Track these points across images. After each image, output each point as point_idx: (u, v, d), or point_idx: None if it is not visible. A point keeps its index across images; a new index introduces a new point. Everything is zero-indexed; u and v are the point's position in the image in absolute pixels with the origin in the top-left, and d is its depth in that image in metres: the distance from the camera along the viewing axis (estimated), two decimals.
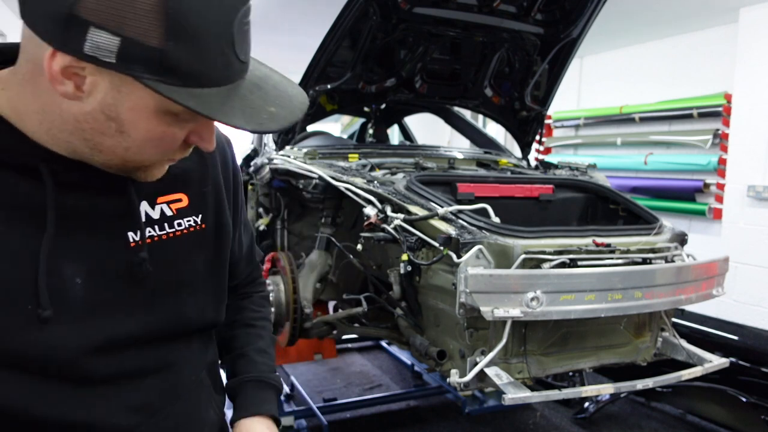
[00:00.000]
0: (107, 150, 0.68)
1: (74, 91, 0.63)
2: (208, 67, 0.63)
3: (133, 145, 0.68)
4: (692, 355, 2.24)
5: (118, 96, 0.63)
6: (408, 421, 3.72)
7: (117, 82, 0.62)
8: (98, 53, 0.58)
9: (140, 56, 0.59)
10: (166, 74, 0.61)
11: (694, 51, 4.46)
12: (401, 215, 2.11)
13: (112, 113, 0.64)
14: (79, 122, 0.66)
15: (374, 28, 2.60)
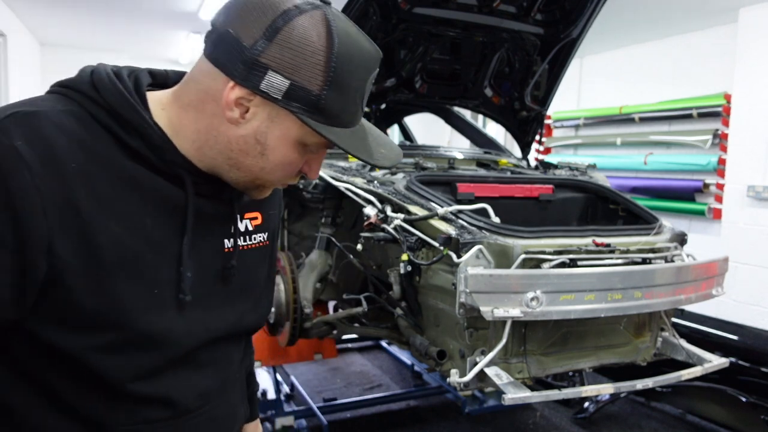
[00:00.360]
0: (244, 168, 0.82)
1: (238, 117, 0.78)
2: (345, 112, 0.80)
3: (267, 166, 0.82)
4: (692, 355, 2.24)
5: (270, 125, 0.79)
6: (408, 421, 3.72)
7: (273, 114, 0.78)
8: (270, 90, 0.75)
9: (301, 97, 0.75)
10: (316, 113, 0.77)
11: (694, 51, 4.46)
12: (401, 215, 2.11)
13: (261, 138, 0.79)
14: (230, 143, 0.80)
15: (374, 28, 2.60)
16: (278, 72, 0.74)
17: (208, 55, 0.79)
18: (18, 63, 4.80)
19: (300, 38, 0.74)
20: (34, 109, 0.72)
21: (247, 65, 0.74)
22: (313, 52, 0.74)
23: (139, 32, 5.26)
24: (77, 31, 5.26)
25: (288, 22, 0.74)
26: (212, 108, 0.79)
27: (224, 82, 0.76)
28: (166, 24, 4.93)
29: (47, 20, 4.85)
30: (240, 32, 0.75)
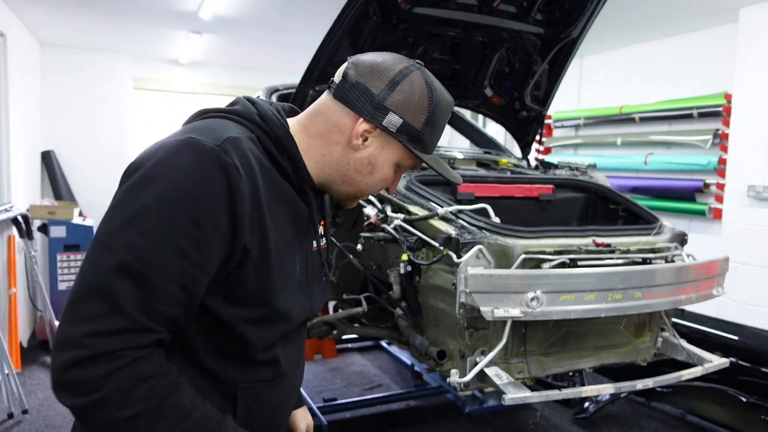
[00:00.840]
0: (354, 183, 1.09)
1: (360, 144, 1.04)
2: (433, 143, 1.09)
3: (372, 182, 1.09)
4: (692, 355, 2.24)
5: (381, 151, 1.06)
6: (408, 421, 3.72)
7: (384, 143, 1.05)
8: (388, 125, 1.02)
9: (408, 131, 1.04)
10: (415, 143, 1.05)
11: (694, 51, 4.46)
12: (401, 215, 2.11)
13: (372, 160, 1.06)
14: (348, 164, 1.06)
15: (374, 28, 2.60)
16: (395, 113, 1.02)
17: (339, 98, 1.04)
18: (18, 63, 4.79)
19: (411, 90, 1.02)
20: (234, 135, 0.95)
21: (375, 107, 1.02)
22: (420, 99, 1.03)
23: (139, 32, 5.25)
24: (77, 31, 5.26)
25: (404, 77, 1.02)
26: (337, 137, 1.05)
27: (353, 119, 1.03)
28: (166, 24, 4.92)
29: (47, 20, 4.84)
30: (369, 84, 1.02)
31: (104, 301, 0.84)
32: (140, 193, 0.88)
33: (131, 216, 0.86)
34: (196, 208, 0.87)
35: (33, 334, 5.15)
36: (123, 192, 0.90)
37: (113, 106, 6.12)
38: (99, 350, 0.83)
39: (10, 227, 4.40)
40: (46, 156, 5.74)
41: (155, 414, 0.86)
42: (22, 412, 3.62)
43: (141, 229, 0.85)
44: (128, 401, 0.84)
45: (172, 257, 0.86)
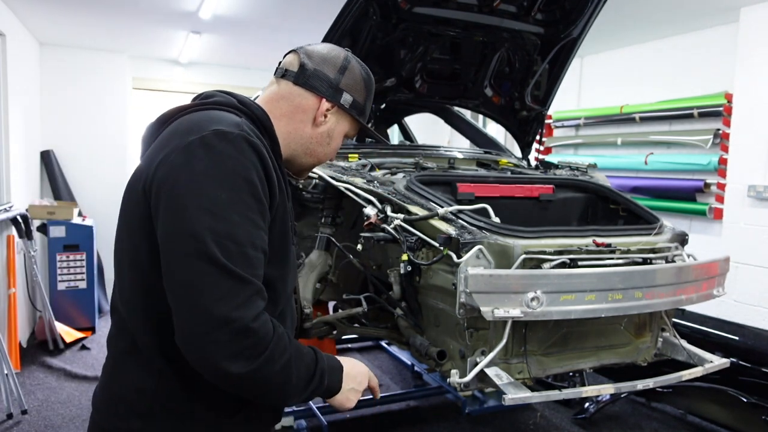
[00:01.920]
0: (315, 154, 1.30)
1: (323, 120, 1.26)
2: (368, 113, 1.35)
3: (329, 151, 1.32)
4: (693, 356, 2.24)
5: (336, 124, 1.29)
6: (408, 421, 3.72)
7: (339, 117, 1.29)
8: (344, 103, 1.27)
9: (356, 106, 1.30)
10: (360, 114, 1.32)
11: (695, 51, 4.45)
12: (401, 215, 2.11)
13: (331, 133, 1.29)
14: (311, 138, 1.28)
15: (374, 28, 2.60)
16: (348, 92, 1.28)
17: (302, 84, 1.25)
18: (17, 62, 4.79)
19: (353, 73, 1.29)
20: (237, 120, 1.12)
21: (334, 89, 1.26)
22: (360, 80, 1.30)
23: (139, 32, 5.25)
24: (76, 31, 5.25)
25: (349, 63, 1.28)
26: (301, 116, 1.26)
27: (316, 100, 1.25)
28: (165, 24, 4.92)
29: (46, 20, 4.84)
30: (326, 71, 1.25)
31: (228, 278, 0.98)
32: (207, 185, 1.00)
33: (211, 206, 0.99)
34: (250, 186, 1.04)
35: (32, 335, 5.14)
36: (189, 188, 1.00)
37: (113, 106, 6.12)
38: (248, 317, 0.99)
39: (10, 227, 4.40)
40: (45, 156, 5.73)
41: (294, 355, 1.08)
42: (21, 413, 3.61)
43: (223, 217, 1.00)
44: (281, 350, 1.04)
45: (250, 229, 1.03)
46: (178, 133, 1.07)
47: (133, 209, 1.09)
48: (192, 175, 1.01)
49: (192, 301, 0.97)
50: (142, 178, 1.08)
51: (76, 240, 5.20)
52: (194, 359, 1.00)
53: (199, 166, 1.01)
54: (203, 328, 0.96)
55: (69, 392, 4.03)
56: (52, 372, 4.36)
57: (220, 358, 0.97)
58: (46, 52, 5.76)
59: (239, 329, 0.97)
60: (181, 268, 0.98)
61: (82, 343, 4.96)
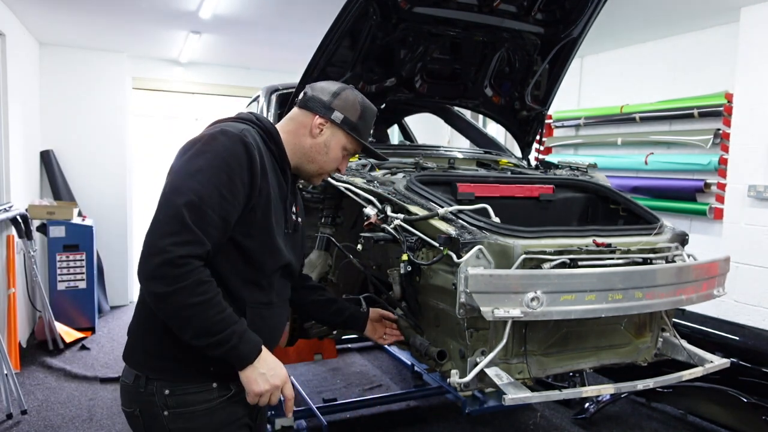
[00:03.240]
0: (316, 162, 1.65)
1: (318, 133, 1.63)
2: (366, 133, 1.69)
3: (328, 160, 1.66)
4: (693, 356, 2.23)
5: (332, 137, 1.64)
6: (408, 421, 3.72)
7: (334, 131, 1.64)
8: (335, 119, 1.63)
9: (348, 123, 1.64)
10: (353, 131, 1.65)
11: (695, 50, 4.45)
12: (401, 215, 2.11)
13: (327, 144, 1.64)
14: (310, 148, 1.64)
15: (374, 27, 2.59)
16: (339, 111, 1.63)
17: (302, 106, 1.65)
18: (17, 62, 4.79)
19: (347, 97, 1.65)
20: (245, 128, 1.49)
21: (326, 108, 1.62)
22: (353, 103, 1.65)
23: (139, 32, 5.25)
24: (76, 31, 5.25)
25: (343, 90, 1.66)
26: (302, 131, 1.63)
27: (312, 117, 1.62)
28: (165, 23, 4.92)
29: (46, 19, 4.84)
30: (321, 96, 1.64)
31: (178, 223, 1.32)
32: (198, 159, 1.39)
33: (194, 172, 1.37)
34: (230, 169, 1.39)
35: (32, 335, 5.14)
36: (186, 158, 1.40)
37: (112, 106, 6.12)
38: (179, 254, 1.30)
39: (9, 227, 4.40)
40: (45, 156, 5.73)
41: (209, 303, 1.34)
42: (21, 413, 3.62)
43: (199, 180, 1.36)
44: (196, 292, 1.32)
45: (217, 198, 1.36)
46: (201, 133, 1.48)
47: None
48: (192, 152, 1.41)
49: (150, 229, 1.34)
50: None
51: (76, 240, 5.20)
52: (138, 272, 1.33)
53: (200, 147, 1.41)
54: (147, 251, 1.32)
55: (69, 392, 4.03)
56: (51, 372, 4.36)
57: (148, 275, 1.31)
58: (45, 52, 5.76)
59: (167, 259, 1.29)
60: (158, 207, 1.36)
61: (82, 343, 4.96)
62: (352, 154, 1.73)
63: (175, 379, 1.46)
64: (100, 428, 3.54)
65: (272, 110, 3.49)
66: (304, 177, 1.70)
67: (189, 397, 1.46)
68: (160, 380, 1.46)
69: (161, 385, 1.45)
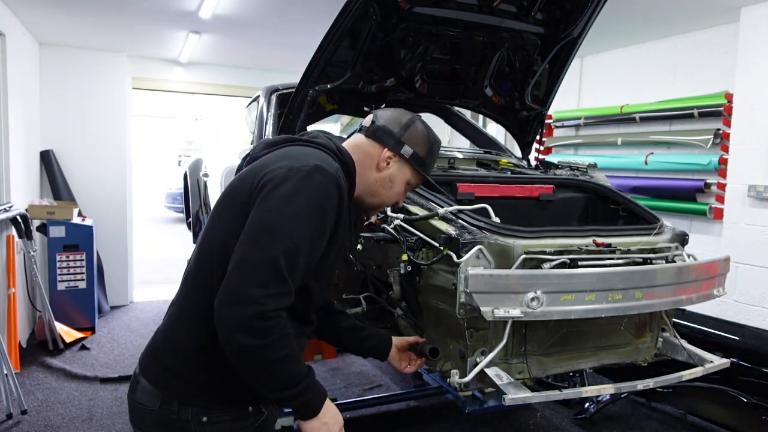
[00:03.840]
0: (378, 196, 1.59)
1: (384, 167, 1.55)
2: (431, 167, 1.64)
3: (391, 194, 1.60)
4: (693, 356, 2.23)
5: (398, 172, 1.57)
6: (408, 421, 3.72)
7: (400, 166, 1.57)
8: (404, 154, 1.55)
9: (416, 158, 1.57)
10: (421, 167, 1.58)
11: (695, 50, 4.45)
12: (401, 215, 2.11)
13: (392, 179, 1.57)
14: (375, 181, 1.57)
15: (374, 27, 2.59)
16: (409, 145, 1.55)
17: (370, 136, 1.56)
18: (17, 62, 4.79)
19: (416, 131, 1.58)
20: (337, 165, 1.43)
21: (396, 141, 1.55)
22: (423, 137, 1.58)
23: (139, 32, 5.24)
24: (76, 31, 5.24)
25: (413, 122, 1.58)
26: (368, 162, 1.55)
27: (380, 149, 1.55)
28: (165, 23, 4.91)
29: (46, 19, 4.83)
30: (391, 128, 1.56)
31: (274, 272, 1.25)
32: (295, 199, 1.30)
33: (291, 215, 1.29)
34: (323, 213, 1.34)
35: (32, 335, 5.14)
36: (282, 196, 1.30)
37: (112, 106, 6.11)
38: (272, 307, 1.24)
39: (9, 227, 4.40)
40: (45, 156, 5.73)
41: (290, 357, 1.29)
42: (21, 413, 3.62)
43: (296, 225, 1.29)
44: (280, 346, 1.26)
45: (309, 244, 1.31)
46: (289, 157, 1.40)
47: (238, 200, 1.38)
48: (289, 189, 1.31)
49: (241, 273, 1.24)
50: (250, 180, 1.38)
51: (76, 240, 5.20)
52: (218, 318, 1.24)
53: (296, 184, 1.31)
54: (237, 298, 1.23)
55: (69, 392, 4.03)
56: (51, 372, 4.36)
57: (236, 326, 1.22)
58: (45, 52, 5.76)
59: (260, 312, 1.22)
60: (249, 247, 1.27)
61: (82, 343, 4.96)
62: (413, 188, 1.67)
63: (213, 405, 1.39)
64: (100, 428, 3.54)
65: (272, 110, 3.49)
66: (363, 208, 1.63)
67: (227, 424, 1.40)
68: (196, 406, 1.38)
69: (197, 411, 1.38)
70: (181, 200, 7.67)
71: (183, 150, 29.75)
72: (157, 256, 9.84)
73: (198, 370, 1.39)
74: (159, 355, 1.44)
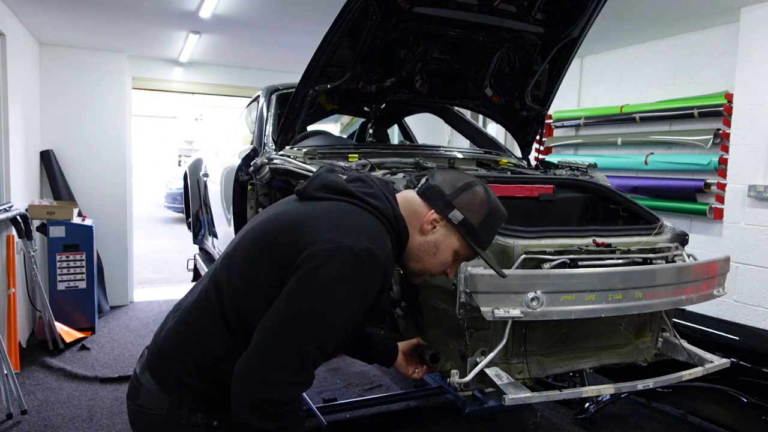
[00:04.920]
0: (420, 261, 1.45)
1: (429, 229, 1.42)
2: (487, 240, 1.47)
3: (435, 262, 1.45)
4: (693, 356, 2.23)
5: (444, 238, 1.42)
6: (408, 421, 3.72)
7: (448, 232, 1.42)
8: (452, 218, 1.40)
9: (466, 225, 1.40)
10: (471, 236, 1.41)
11: (695, 50, 4.45)
12: None
13: (437, 244, 1.43)
14: (419, 245, 1.43)
15: (374, 27, 2.59)
16: (459, 210, 1.40)
17: (421, 195, 1.44)
18: (17, 62, 4.79)
19: (473, 196, 1.42)
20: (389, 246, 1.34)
21: (445, 203, 1.40)
22: (479, 204, 1.41)
23: (139, 32, 5.24)
24: (76, 31, 5.24)
25: (471, 187, 1.43)
26: (415, 223, 1.42)
27: (428, 209, 1.42)
28: (166, 23, 4.91)
29: (46, 19, 4.83)
30: (444, 188, 1.42)
31: (300, 360, 1.20)
32: (338, 285, 1.23)
33: (331, 303, 1.23)
34: (363, 300, 1.28)
35: (32, 335, 5.14)
36: (325, 278, 1.22)
37: (112, 106, 6.11)
38: (288, 396, 1.20)
39: (9, 227, 4.40)
40: (45, 156, 5.73)
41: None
42: (21, 413, 3.61)
43: (335, 314, 1.24)
44: (292, 430, 1.22)
45: (342, 330, 1.27)
46: (341, 226, 1.29)
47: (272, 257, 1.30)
48: (334, 272, 1.22)
49: (266, 353, 1.19)
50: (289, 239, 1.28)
51: (76, 240, 5.20)
52: (235, 388, 1.21)
53: (343, 269, 1.23)
54: (255, 377, 1.18)
55: (69, 392, 4.03)
56: (51, 372, 4.36)
57: (250, 406, 1.18)
58: (46, 52, 5.75)
59: (278, 399, 1.18)
60: (280, 326, 1.21)
61: (82, 343, 4.95)
62: (464, 260, 1.52)
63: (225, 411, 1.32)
64: (100, 428, 3.54)
65: (272, 110, 3.49)
66: (405, 271, 1.51)
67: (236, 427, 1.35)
68: (205, 411, 1.37)
69: (206, 416, 1.36)
70: (181, 200, 7.67)
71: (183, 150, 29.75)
72: (157, 256, 9.84)
73: (208, 383, 1.35)
74: (168, 361, 1.39)
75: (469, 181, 1.43)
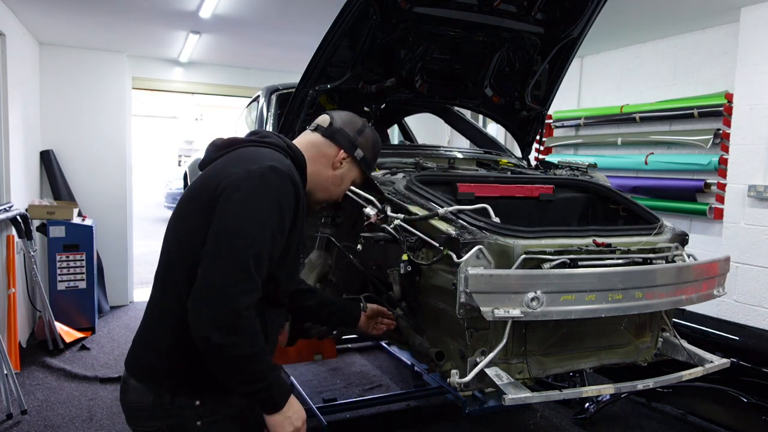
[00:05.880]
0: (327, 192, 1.71)
1: (339, 166, 1.68)
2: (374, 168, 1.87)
3: (338, 191, 1.73)
4: (693, 356, 2.23)
5: (348, 171, 1.71)
6: (408, 421, 3.72)
7: (351, 166, 1.71)
8: (356, 155, 1.69)
9: (365, 161, 1.73)
10: (367, 168, 1.75)
11: (695, 50, 4.45)
12: (401, 215, 2.11)
13: (343, 177, 1.71)
14: (328, 179, 1.68)
15: (374, 27, 2.59)
16: (360, 148, 1.70)
17: (328, 137, 1.68)
18: (17, 62, 4.79)
19: (367, 136, 1.73)
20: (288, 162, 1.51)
21: (351, 144, 1.68)
22: (372, 142, 1.74)
23: (139, 32, 5.25)
24: (76, 31, 5.24)
25: (365, 128, 1.73)
26: (322, 161, 1.67)
27: (336, 150, 1.67)
28: (165, 23, 4.92)
29: (46, 19, 4.83)
30: (347, 131, 1.69)
31: (244, 270, 1.32)
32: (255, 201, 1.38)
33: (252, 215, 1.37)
34: (281, 209, 1.41)
35: (32, 335, 5.14)
36: (241, 199, 1.37)
37: (112, 106, 6.11)
38: (246, 304, 1.31)
39: (9, 227, 4.40)
40: (45, 156, 5.73)
41: (260, 354, 1.35)
42: (21, 413, 3.61)
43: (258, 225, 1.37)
44: (252, 342, 1.33)
45: (270, 240, 1.39)
46: (243, 160, 1.46)
47: (199, 203, 1.44)
48: (247, 191, 1.38)
49: (214, 275, 1.31)
50: (209, 184, 1.44)
51: (76, 240, 5.20)
52: (193, 317, 1.31)
53: (253, 186, 1.39)
54: (215, 298, 1.30)
55: (69, 392, 4.03)
56: (51, 372, 4.36)
57: (215, 324, 1.29)
58: (45, 52, 5.75)
59: (234, 310, 1.30)
60: (217, 250, 1.34)
61: (82, 343, 4.96)
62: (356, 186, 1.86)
63: (203, 388, 1.46)
64: (100, 428, 3.54)
65: (272, 110, 3.49)
66: (309, 202, 1.69)
67: (219, 403, 1.48)
68: (186, 393, 1.46)
69: (188, 398, 1.46)
70: None
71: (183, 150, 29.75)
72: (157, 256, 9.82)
73: (180, 362, 1.45)
74: (141, 356, 1.54)
75: (363, 123, 1.74)
